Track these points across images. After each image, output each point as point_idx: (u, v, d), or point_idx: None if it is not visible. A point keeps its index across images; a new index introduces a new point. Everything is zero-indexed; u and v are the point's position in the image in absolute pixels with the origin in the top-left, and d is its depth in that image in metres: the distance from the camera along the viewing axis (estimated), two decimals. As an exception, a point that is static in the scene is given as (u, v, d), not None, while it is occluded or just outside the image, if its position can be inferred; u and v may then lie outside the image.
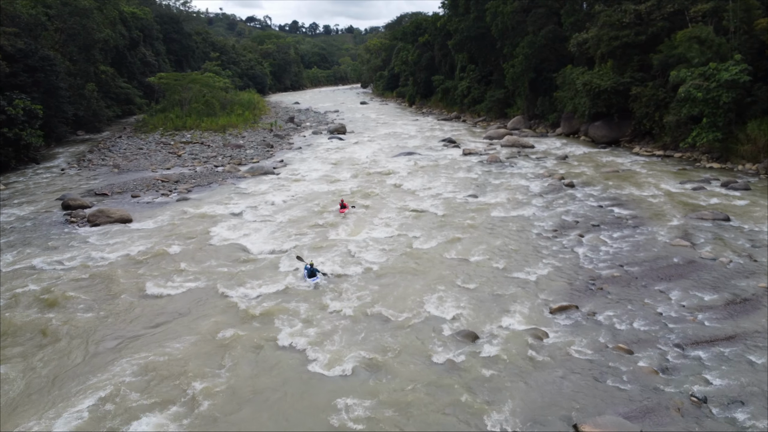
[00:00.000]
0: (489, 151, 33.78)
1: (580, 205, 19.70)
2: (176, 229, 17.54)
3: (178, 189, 23.77)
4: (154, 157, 32.32)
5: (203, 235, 16.67)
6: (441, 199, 21.12)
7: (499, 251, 14.72)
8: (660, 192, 21.35)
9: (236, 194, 22.72)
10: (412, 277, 13.04)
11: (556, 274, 13.00)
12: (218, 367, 9.29)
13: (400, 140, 40.23)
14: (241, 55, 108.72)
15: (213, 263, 14.29)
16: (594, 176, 24.72)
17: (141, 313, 11.50)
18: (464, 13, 54.21)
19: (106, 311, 11.61)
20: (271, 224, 17.89)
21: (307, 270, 12.94)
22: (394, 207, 20.02)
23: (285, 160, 32.09)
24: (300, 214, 19.07)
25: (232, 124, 47.17)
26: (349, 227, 17.31)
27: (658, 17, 32.12)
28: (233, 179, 26.12)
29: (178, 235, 16.81)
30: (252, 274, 13.50)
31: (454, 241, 15.73)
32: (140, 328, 10.85)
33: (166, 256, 14.85)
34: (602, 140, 34.84)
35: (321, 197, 21.76)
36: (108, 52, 54.03)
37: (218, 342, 10.13)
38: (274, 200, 21.28)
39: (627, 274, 13.01)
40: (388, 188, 23.44)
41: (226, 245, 15.75)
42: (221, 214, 19.26)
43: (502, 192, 21.98)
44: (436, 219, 18.24)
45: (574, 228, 16.81)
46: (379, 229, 17.13)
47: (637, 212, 18.47)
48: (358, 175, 26.59)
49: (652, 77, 32.36)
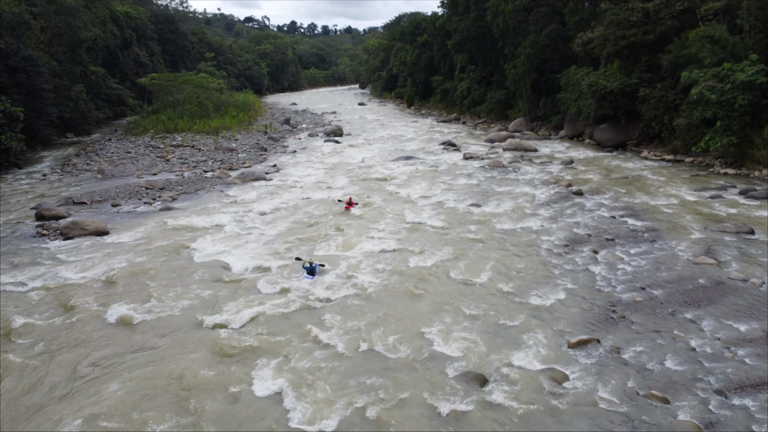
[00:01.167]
0: (491, 155, 32.45)
1: (591, 215, 18.35)
2: (154, 242, 16.16)
3: (162, 197, 22.39)
4: (141, 161, 30.94)
5: (183, 251, 15.30)
6: (441, 208, 19.77)
7: (507, 270, 13.36)
8: (675, 200, 20.03)
9: (223, 203, 21.35)
10: (412, 302, 11.68)
11: (572, 299, 11.64)
12: (179, 420, 7.90)
13: (398, 143, 38.89)
14: (238, 55, 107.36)
15: (190, 284, 12.92)
16: (603, 183, 23.38)
17: (101, 346, 10.12)
18: (464, 12, 52.91)
19: (62, 343, 10.23)
20: (258, 238, 16.51)
21: (306, 269, 13.15)
22: (391, 217, 18.66)
23: (278, 164, 30.73)
24: (289, 226, 17.70)
25: (225, 126, 45.83)
26: (342, 241, 15.95)
27: (666, 16, 30.81)
28: (222, 186, 24.75)
29: (156, 250, 15.43)
30: (232, 297, 12.12)
31: (457, 257, 14.37)
32: (96, 366, 9.46)
33: (140, 275, 13.47)
34: (608, 143, 33.51)
35: (313, 206, 20.40)
36: (98, 52, 52.56)
37: (185, 385, 8.74)
38: (263, 210, 19.90)
39: (650, 298, 11.66)
40: (386, 196, 22.08)
41: (206, 263, 14.37)
42: (205, 226, 17.88)
43: (506, 201, 20.63)
44: (437, 231, 16.88)
45: (586, 242, 15.46)
46: (375, 242, 15.78)
47: (653, 224, 17.13)
48: (354, 181, 25.23)
49: (660, 78, 31.05)
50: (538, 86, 43.52)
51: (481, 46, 52.26)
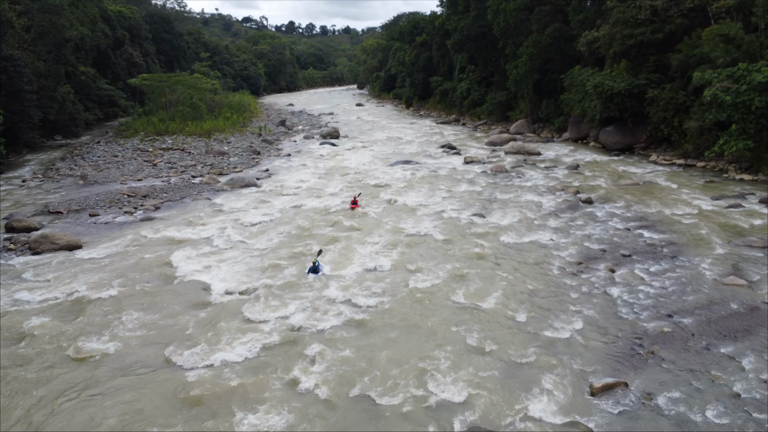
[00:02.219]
0: (492, 159, 31.14)
1: (603, 227, 17.03)
2: (129, 259, 14.80)
3: (144, 206, 21.02)
4: (127, 166, 29.55)
5: (159, 268, 13.94)
6: (442, 218, 18.43)
7: (516, 293, 12.03)
8: (691, 210, 18.73)
9: (209, 212, 19.98)
10: (410, 333, 10.35)
11: (591, 330, 10.31)
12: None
13: (396, 146, 37.57)
14: (235, 55, 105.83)
15: (163, 309, 11.56)
16: (613, 190, 22.06)
17: (54, 389, 8.77)
18: (464, 11, 51.65)
19: (6, 386, 8.88)
20: (242, 253, 15.15)
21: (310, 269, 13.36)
22: (388, 228, 17.32)
23: (271, 169, 29.38)
24: (278, 240, 16.34)
25: (218, 129, 44.45)
26: (334, 257, 14.60)
27: (675, 14, 29.54)
28: (210, 193, 23.39)
29: (130, 267, 14.08)
30: (209, 326, 10.77)
31: (461, 277, 13.03)
32: (42, 412, 8.11)
33: (108, 298, 12.10)
34: (614, 147, 32.22)
35: (305, 216, 19.04)
36: (88, 52, 51.12)
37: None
38: (250, 220, 18.54)
39: (679, 328, 10.33)
40: (383, 204, 20.74)
41: (183, 283, 13.02)
42: (187, 239, 16.52)
43: (511, 210, 19.30)
44: (438, 246, 15.54)
45: (601, 259, 14.14)
46: (371, 258, 14.44)
47: (672, 237, 15.81)
48: (350, 187, 23.88)
49: (669, 79, 29.79)
50: (540, 87, 42.25)
51: (481, 45, 51.02)
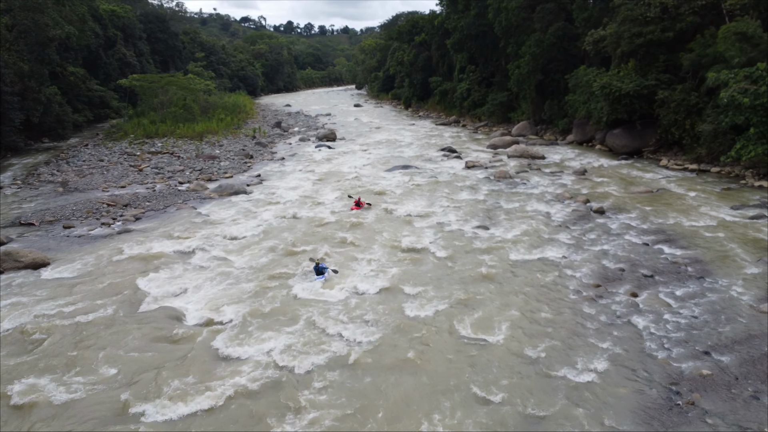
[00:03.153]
0: (495, 163, 29.75)
1: (619, 241, 15.65)
2: (99, 280, 13.41)
3: (124, 216, 19.62)
4: (112, 171, 28.13)
5: (129, 293, 12.54)
6: (443, 231, 17.04)
7: (529, 324, 10.64)
8: (711, 221, 17.36)
9: (193, 223, 18.58)
10: (407, 377, 8.96)
11: (618, 372, 8.93)
12: None
13: (394, 149, 36.18)
14: (232, 55, 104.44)
15: (128, 345, 10.17)
16: (625, 198, 20.69)
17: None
18: (464, 10, 50.28)
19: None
20: (223, 273, 13.76)
21: (315, 270, 13.15)
22: (384, 244, 15.93)
23: (263, 174, 27.99)
24: (264, 257, 14.94)
25: (211, 131, 43.06)
26: (324, 280, 13.21)
27: (687, 11, 28.16)
28: (196, 201, 21.99)
29: (98, 291, 12.69)
30: (178, 367, 9.38)
31: (465, 303, 11.65)
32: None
33: (65, 331, 10.72)
34: (622, 150, 30.84)
35: (295, 229, 17.65)
36: (78, 52, 49.75)
37: None
38: (235, 233, 17.14)
39: (720, 369, 8.97)
40: (380, 214, 19.36)
41: (154, 311, 11.62)
42: (165, 255, 15.12)
43: (517, 221, 17.92)
44: (439, 264, 14.16)
45: (620, 281, 12.77)
46: (366, 279, 13.06)
47: (695, 253, 14.45)
48: (345, 195, 22.50)
49: (680, 79, 28.42)
50: (542, 88, 40.87)
51: (481, 45, 49.67)
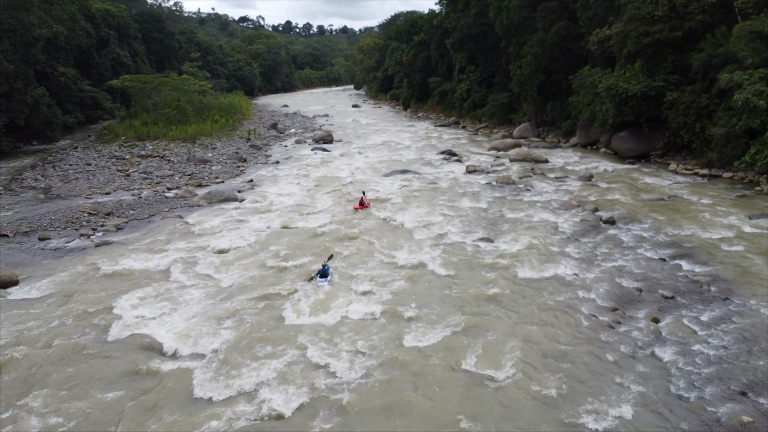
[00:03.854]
0: (497, 168, 28.69)
1: (633, 256, 14.55)
2: (70, 300, 12.30)
3: (105, 226, 18.51)
4: (98, 176, 26.98)
5: (99, 317, 11.42)
6: (444, 244, 15.94)
7: (541, 356, 9.55)
8: (730, 232, 16.28)
9: (178, 234, 17.47)
10: (406, 423, 7.87)
11: (645, 419, 7.83)
12: None
13: (392, 152, 35.10)
14: (229, 55, 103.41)
15: (88, 383, 9.05)
16: (635, 206, 19.60)
17: None
18: (464, 9, 49.27)
19: None
20: (205, 293, 12.65)
21: (319, 272, 13.08)
22: (381, 258, 14.84)
23: (255, 179, 26.89)
24: (251, 274, 13.84)
25: (204, 133, 41.96)
26: (315, 299, 12.11)
27: (696, 9, 27.12)
28: (183, 209, 20.88)
29: (67, 313, 11.57)
30: (142, 414, 8.27)
31: (468, 330, 10.56)
32: None
33: (22, 364, 9.59)
34: (628, 154, 29.77)
35: (286, 241, 16.55)
36: (69, 52, 48.58)
37: None
38: (223, 246, 16.03)
39: (760, 414, 7.88)
40: (376, 225, 18.26)
41: (125, 340, 10.49)
42: (144, 272, 14.02)
43: (523, 232, 16.82)
44: (440, 282, 13.06)
45: (639, 303, 11.68)
46: (359, 301, 11.96)
47: (716, 270, 13.37)
48: (340, 202, 21.41)
49: (690, 80, 27.37)
50: (544, 88, 39.83)
51: (482, 44, 48.67)
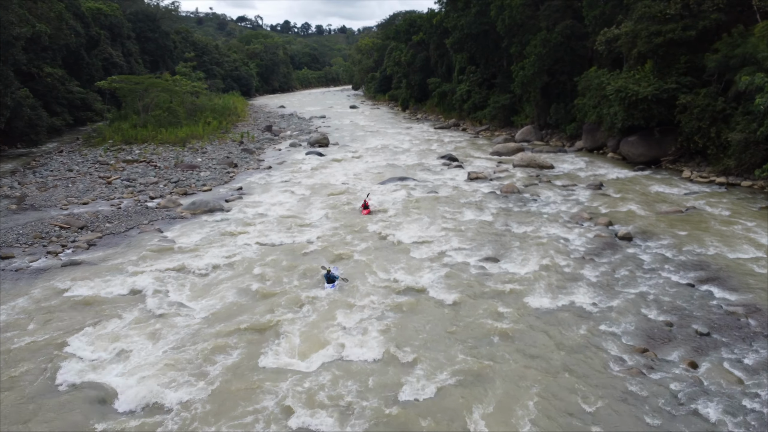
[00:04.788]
0: (500, 174, 27.21)
1: (657, 280, 13.07)
2: (22, 335, 10.80)
3: (77, 241, 16.99)
4: (78, 184, 25.44)
5: (53, 357, 9.92)
6: (446, 265, 14.45)
7: (563, 417, 8.05)
8: (759, 251, 14.83)
9: (155, 251, 15.96)
10: None
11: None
12: None
13: (390, 156, 33.61)
14: (225, 55, 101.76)
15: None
16: (652, 220, 18.12)
17: None
18: (464, 7, 47.81)
19: None
20: (176, 325, 11.15)
21: (326, 277, 12.86)
22: (376, 283, 13.34)
23: (245, 186, 25.39)
24: (230, 303, 12.32)
25: (195, 135, 40.43)
26: (299, 337, 10.61)
27: (711, 8, 25.68)
28: (164, 221, 19.37)
29: (12, 356, 10.06)
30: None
31: (475, 377, 9.07)
32: None
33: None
34: (638, 159, 28.30)
35: (273, 260, 15.03)
36: (56, 52, 47.02)
37: None
38: (201, 266, 14.52)
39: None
40: (371, 241, 16.77)
41: (78, 387, 8.99)
42: (110, 300, 12.51)
43: (532, 251, 15.33)
44: (442, 315, 11.56)
45: (670, 341, 10.19)
46: (349, 338, 10.48)
47: (752, 299, 11.89)
48: (332, 214, 19.91)
49: (704, 83, 25.91)
50: (547, 90, 38.35)
51: (483, 44, 47.20)
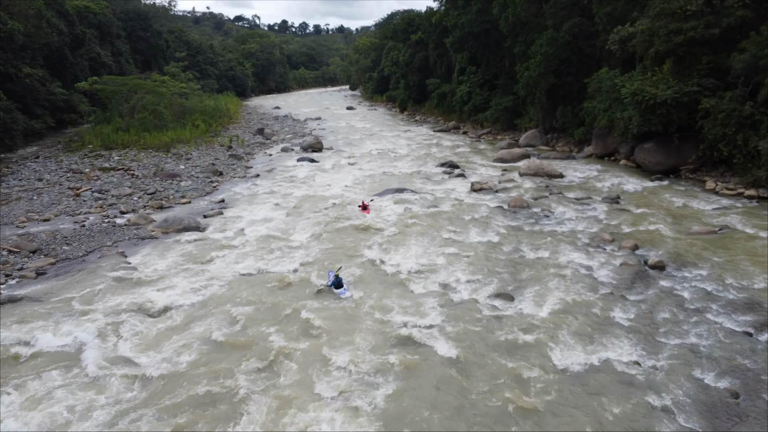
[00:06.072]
0: (506, 184, 25.05)
1: (705, 327, 10.85)
2: None
3: (24, 270, 14.76)
4: (44, 196, 23.17)
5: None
6: (450, 303, 12.25)
7: None
8: (815, 284, 12.67)
9: (112, 283, 13.73)
10: None
11: None
12: None
13: (387, 163, 31.45)
14: (220, 55, 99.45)
15: None
16: (683, 243, 15.93)
17: None
18: (465, 5, 45.74)
19: None
20: (118, 400, 8.92)
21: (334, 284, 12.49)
22: (367, 329, 11.13)
23: (227, 198, 23.19)
24: (190, 358, 10.08)
25: (181, 140, 38.20)
26: (275, 400, 8.43)
27: (736, 4, 23.55)
28: (130, 243, 17.14)
29: None
30: None
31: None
32: None
33: None
34: (655, 168, 26.13)
35: (249, 295, 12.82)
36: (37, 51, 44.75)
37: None
38: (164, 303, 12.30)
39: None
40: (364, 269, 14.56)
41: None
42: (42, 354, 10.28)
43: (550, 284, 13.13)
44: (447, 378, 9.34)
45: (741, 422, 7.99)
46: (326, 413, 8.28)
47: (825, 352, 9.75)
48: (321, 234, 17.69)
49: (728, 85, 23.76)
50: (553, 92, 36.18)
51: (484, 44, 45.08)
